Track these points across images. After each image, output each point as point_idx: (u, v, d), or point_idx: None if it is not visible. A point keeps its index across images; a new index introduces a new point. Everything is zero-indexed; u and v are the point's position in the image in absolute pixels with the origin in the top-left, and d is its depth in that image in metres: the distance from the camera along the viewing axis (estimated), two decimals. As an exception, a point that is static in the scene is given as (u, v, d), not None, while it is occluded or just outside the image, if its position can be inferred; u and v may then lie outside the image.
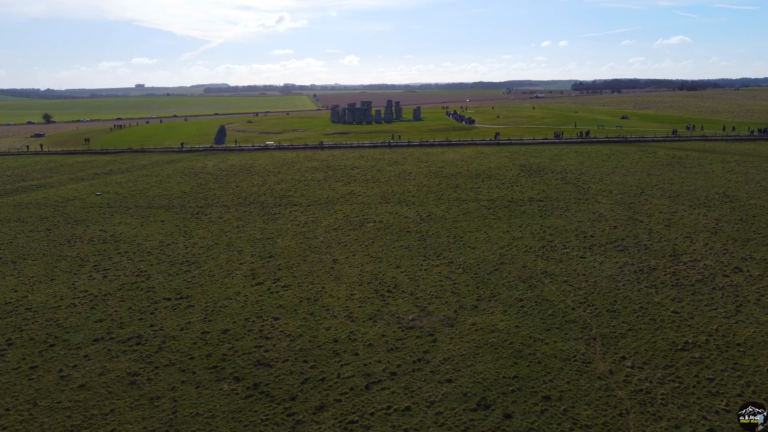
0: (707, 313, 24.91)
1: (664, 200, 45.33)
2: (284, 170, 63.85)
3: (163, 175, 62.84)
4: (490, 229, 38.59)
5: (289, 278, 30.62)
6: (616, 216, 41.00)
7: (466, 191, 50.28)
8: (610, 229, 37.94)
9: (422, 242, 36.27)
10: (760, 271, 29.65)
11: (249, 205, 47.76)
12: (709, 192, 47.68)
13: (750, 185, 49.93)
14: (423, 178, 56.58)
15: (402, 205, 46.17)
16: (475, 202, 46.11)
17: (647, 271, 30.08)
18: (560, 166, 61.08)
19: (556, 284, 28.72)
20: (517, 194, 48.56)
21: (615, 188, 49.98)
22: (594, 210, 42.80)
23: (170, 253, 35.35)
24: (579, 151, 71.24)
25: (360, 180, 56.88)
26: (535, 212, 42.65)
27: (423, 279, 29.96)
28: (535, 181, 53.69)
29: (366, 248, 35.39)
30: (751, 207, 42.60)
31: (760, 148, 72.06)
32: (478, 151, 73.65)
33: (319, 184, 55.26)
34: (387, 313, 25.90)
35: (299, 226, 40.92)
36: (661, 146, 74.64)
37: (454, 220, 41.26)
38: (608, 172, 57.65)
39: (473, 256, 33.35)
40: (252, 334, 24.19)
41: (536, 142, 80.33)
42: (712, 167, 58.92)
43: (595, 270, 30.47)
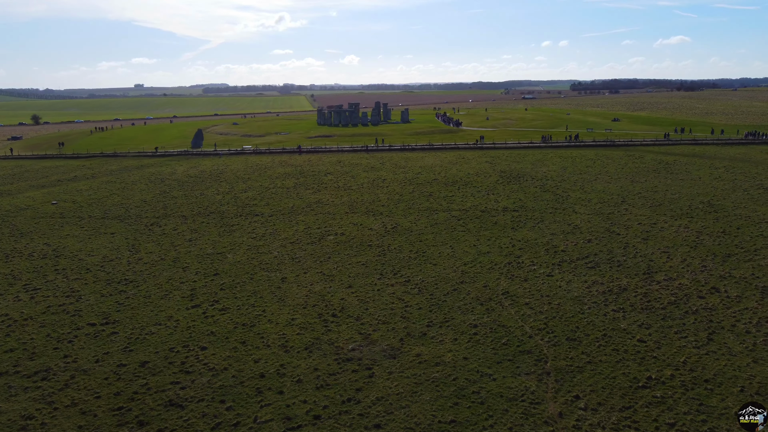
0: (676, 342, 22.81)
1: (645, 210, 43.28)
2: (255, 176, 61.68)
3: (128, 182, 60.61)
4: (457, 243, 36.47)
5: (230, 300, 28.44)
6: (592, 228, 38.93)
7: (438, 200, 48.17)
8: (584, 242, 35.85)
9: (381, 258, 34.14)
10: (739, 292, 27.59)
11: (208, 215, 45.58)
12: (693, 201, 45.66)
13: (737, 193, 47.93)
14: (397, 186, 54.47)
15: (369, 215, 44.04)
16: (446, 212, 44.00)
17: (617, 292, 27.99)
18: (542, 173, 59.03)
19: (516, 307, 26.60)
20: (492, 203, 46.46)
21: (595, 197, 47.92)
22: (570, 221, 40.72)
23: (110, 270, 33.15)
24: (563, 156, 69.23)
25: (331, 187, 54.74)
26: (507, 223, 40.56)
27: (374, 301, 27.81)
28: (512, 189, 51.61)
29: (320, 265, 33.23)
30: (736, 218, 40.57)
31: (750, 152, 70.15)
32: (459, 156, 71.58)
33: (287, 192, 53.11)
34: (326, 342, 23.74)
35: (255, 239, 38.76)
36: (649, 150, 72.67)
37: (420, 232, 39.14)
38: (591, 178, 55.62)
39: (433, 273, 31.21)
40: (172, 368, 22.00)
41: (521, 146, 78.31)
42: (699, 173, 56.94)
43: (561, 290, 28.36)
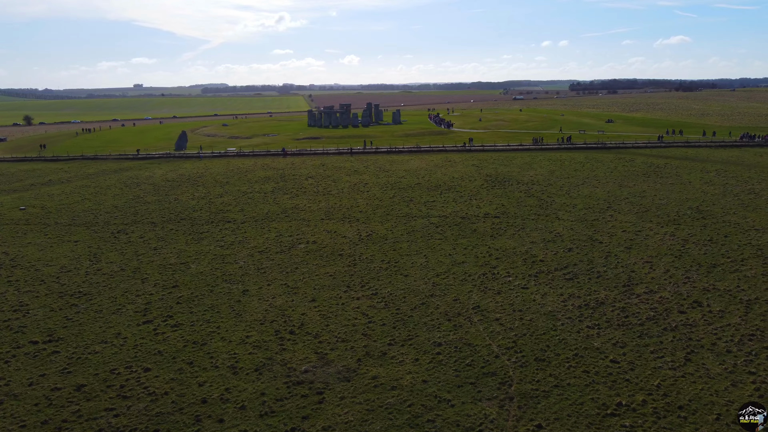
0: (651, 363, 21.44)
1: (631, 216, 41.94)
2: (234, 180, 60.25)
3: (103, 186, 59.14)
4: (432, 252, 35.09)
5: (185, 315, 27.02)
6: (575, 236, 37.57)
7: (418, 206, 46.79)
8: (564, 251, 34.49)
9: (351, 268, 32.74)
10: (722, 306, 26.23)
11: (179, 221, 44.13)
12: (682, 207, 44.34)
13: (727, 199, 46.62)
14: (377, 190, 53.08)
15: (344, 222, 42.64)
16: (425, 219, 42.62)
17: (594, 306, 26.62)
18: (528, 177, 57.69)
19: (485, 323, 25.22)
20: (473, 209, 45.09)
21: (581, 202, 46.57)
22: (552, 228, 39.36)
23: (66, 282, 31.70)
24: (552, 159, 67.91)
25: (310, 192, 53.33)
26: (486, 231, 39.19)
27: (336, 316, 26.41)
28: (496, 194, 50.25)
29: (286, 276, 31.82)
30: (724, 225, 39.25)
31: (744, 155, 68.90)
32: (446, 159, 70.22)
33: (264, 197, 51.68)
34: (278, 362, 22.33)
35: (223, 247, 37.33)
36: (640, 153, 71.41)
37: (395, 240, 37.76)
38: (578, 183, 54.28)
39: (402, 286, 29.82)
40: (110, 392, 20.58)
41: (509, 148, 76.99)
42: (689, 177, 55.64)
43: (535, 304, 26.99)
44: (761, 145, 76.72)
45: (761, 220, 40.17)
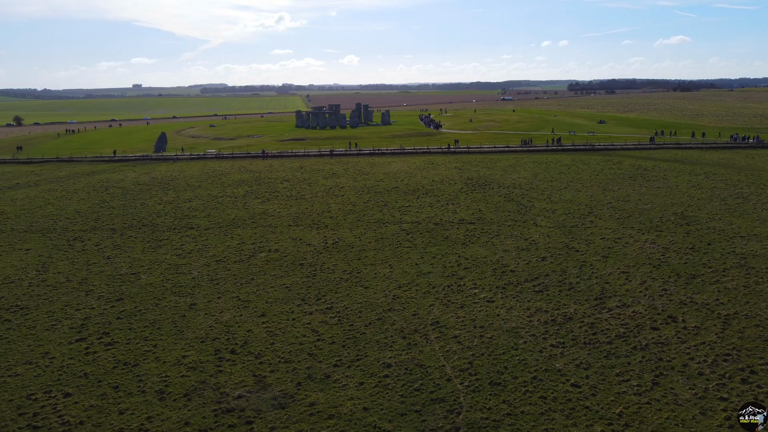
0: (615, 388, 19.80)
1: (612, 222, 40.35)
2: (206, 184, 58.54)
3: (70, 190, 57.37)
4: (398, 261, 33.44)
5: (123, 331, 25.31)
6: (551, 243, 35.96)
7: (392, 211, 45.14)
8: (537, 260, 32.86)
9: (310, 279, 31.06)
10: (698, 321, 24.62)
11: (140, 228, 42.41)
12: (666, 212, 42.75)
13: (713, 203, 45.06)
14: (352, 194, 51.42)
15: (312, 228, 40.97)
16: (396, 225, 40.96)
17: (561, 322, 24.98)
18: (511, 180, 56.09)
19: (442, 341, 23.56)
20: (449, 215, 43.46)
21: (561, 207, 44.97)
22: (527, 235, 37.73)
23: (5, 295, 29.96)
24: (538, 161, 66.33)
25: (282, 196, 51.65)
26: (459, 238, 37.56)
27: (283, 333, 24.73)
28: (475, 198, 48.62)
29: (239, 288, 30.13)
30: (709, 231, 37.66)
31: (735, 157, 67.40)
32: (429, 161, 68.60)
33: (234, 202, 49.97)
34: (212, 387, 20.63)
35: (180, 256, 35.62)
36: (629, 155, 69.88)
37: (362, 248, 36.09)
38: (561, 186, 52.68)
39: (360, 299, 28.15)
40: (20, 421, 18.87)
41: (495, 150, 75.40)
42: (677, 180, 54.09)
43: (498, 320, 25.34)
44: (753, 146, 75.28)
45: (747, 226, 38.61)
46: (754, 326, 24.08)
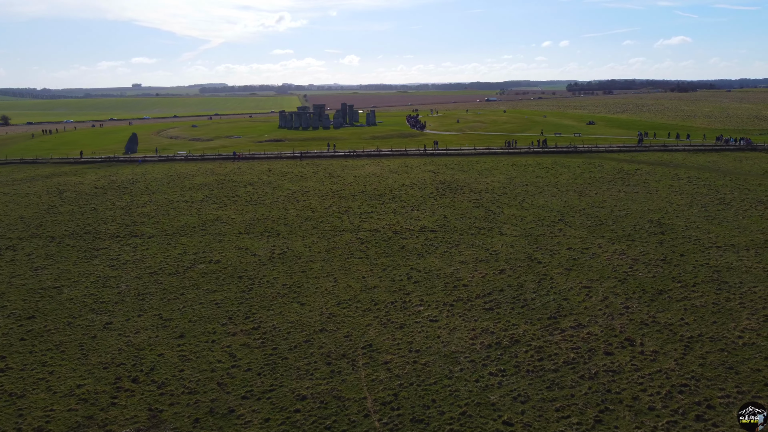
0: (552, 426, 17.61)
1: (582, 231, 38.19)
2: (166, 187, 56.24)
3: (21, 194, 55.01)
4: (345, 274, 31.22)
5: (22, 355, 23.02)
6: (512, 254, 33.77)
7: (352, 218, 42.92)
8: (495, 274, 30.66)
9: (244, 294, 28.80)
10: (658, 345, 22.45)
11: (81, 236, 40.10)
12: (641, 219, 40.62)
13: (693, 210, 42.94)
14: (315, 199, 49.19)
15: (263, 236, 38.71)
16: (353, 233, 38.74)
17: (506, 345, 22.78)
18: (484, 184, 53.92)
19: (371, 368, 21.33)
20: (411, 222, 41.26)
21: (532, 213, 42.80)
22: (489, 245, 35.55)
23: None
24: (517, 164, 64.19)
25: (242, 201, 49.38)
26: (416, 248, 35.36)
27: (197, 357, 22.47)
28: (442, 204, 46.43)
29: (165, 304, 27.86)
30: (684, 241, 35.52)
31: (722, 160, 65.36)
32: (404, 164, 66.41)
33: (188, 207, 47.69)
34: (98, 423, 18.37)
35: (113, 267, 33.33)
36: (612, 158, 67.78)
37: (309, 259, 33.86)
38: (536, 191, 50.52)
39: (293, 317, 25.92)
40: None
41: (475, 152, 73.27)
42: (658, 185, 51.97)
43: (438, 343, 23.13)
44: (742, 149, 73.26)
45: (725, 235, 36.49)
46: (718, 351, 21.92)
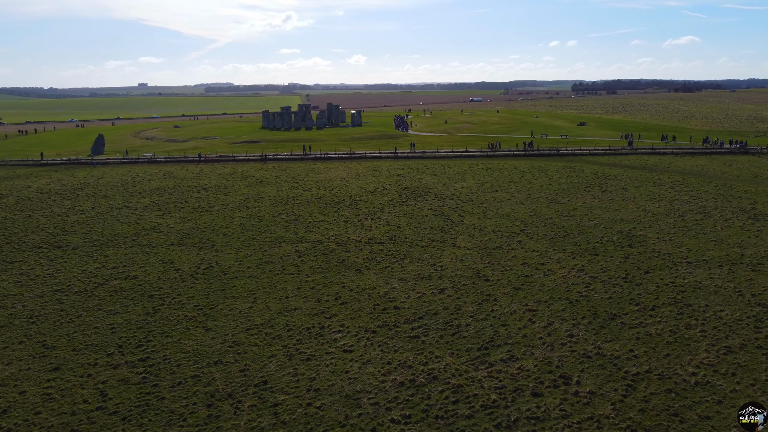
0: (445, 494, 14.71)
1: (543, 243, 35.30)
2: (115, 192, 53.50)
3: (-40, 199, 52.28)
4: (268, 293, 28.39)
5: None
6: (459, 271, 30.92)
7: (300, 227, 40.12)
8: (434, 293, 27.80)
9: (147, 318, 25.97)
10: (597, 384, 19.56)
11: (0, 247, 37.33)
12: (610, 230, 37.72)
13: (669, 220, 40.02)
14: (267, 206, 46.38)
15: (195, 248, 35.90)
16: (293, 245, 35.92)
17: (421, 384, 19.91)
18: (452, 189, 51.05)
19: (257, 411, 18.49)
20: (361, 232, 38.43)
21: (493, 223, 39.95)
22: (437, 260, 32.70)
23: None
24: (492, 168, 61.31)
25: (189, 208, 46.60)
26: (355, 263, 32.52)
27: (62, 398, 19.64)
28: (401, 212, 43.60)
29: (55, 329, 25.04)
30: (651, 255, 32.61)
31: (711, 164, 62.38)
32: (373, 167, 63.60)
33: (129, 215, 44.92)
34: None
35: (18, 284, 30.54)
36: (595, 161, 64.85)
37: (235, 275, 31.04)
38: (505, 197, 47.64)
39: (190, 346, 23.08)
40: None
41: (451, 155, 70.45)
42: (637, 191, 49.05)
43: (343, 380, 20.26)
44: (734, 152, 70.26)
45: (699, 248, 33.59)
46: (664, 392, 19.04)
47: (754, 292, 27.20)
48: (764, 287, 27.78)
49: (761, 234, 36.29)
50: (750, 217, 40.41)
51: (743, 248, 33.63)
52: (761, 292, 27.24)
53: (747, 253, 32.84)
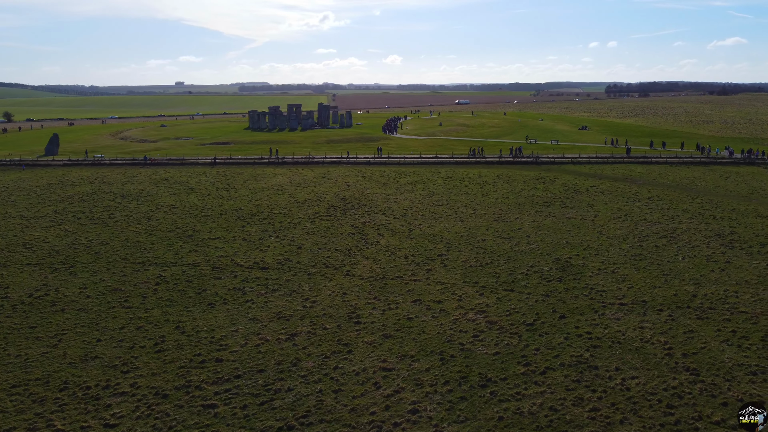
0: None
1: (456, 273, 29.86)
2: (23, 199, 49.52)
3: None
4: (83, 333, 23.61)
5: None
6: (333, 309, 25.74)
7: (189, 245, 35.36)
8: (278, 341, 22.65)
9: None
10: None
11: None
12: (546, 258, 32.07)
13: (623, 246, 34.17)
14: (172, 218, 41.75)
15: (49, 269, 31.35)
16: (160, 268, 31.10)
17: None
18: (393, 202, 45.77)
19: None
20: (252, 254, 33.47)
21: (411, 245, 34.61)
22: (315, 293, 27.54)
23: None
24: (454, 177, 55.77)
25: (84, 219, 42.25)
26: (216, 294, 27.58)
27: None
28: (315, 229, 38.53)
29: None
30: (579, 294, 26.93)
31: (706, 176, 55.83)
32: (324, 173, 58.62)
33: (11, 226, 40.72)
34: None
35: None
36: (575, 170, 58.81)
37: (66, 306, 26.32)
38: (447, 213, 42.20)
39: None
40: None
41: (416, 161, 65.11)
42: (603, 208, 43.09)
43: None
44: (737, 162, 63.38)
45: (643, 285, 27.79)
46: None
47: (688, 351, 21.44)
48: (703, 344, 21.99)
49: (728, 267, 30.24)
50: (724, 243, 34.29)
51: (698, 286, 27.72)
52: (697, 351, 21.48)
53: (701, 293, 26.94)
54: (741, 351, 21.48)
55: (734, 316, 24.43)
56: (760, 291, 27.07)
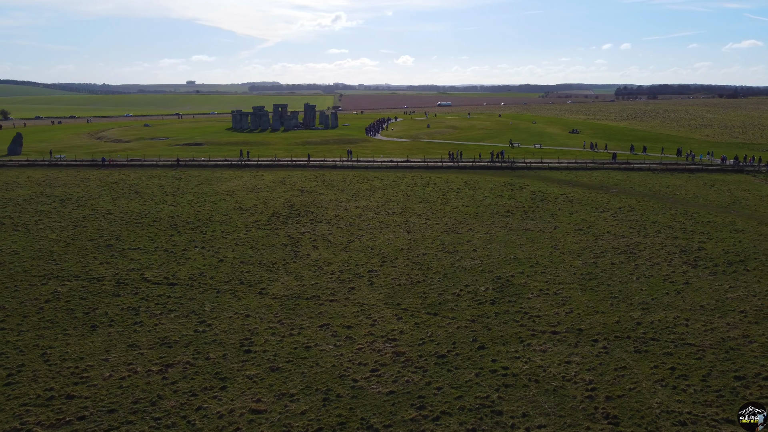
0: None
1: (381, 293, 27.20)
2: (-43, 202, 47.15)
3: None
4: (-68, 362, 21.01)
5: None
6: (227, 335, 23.14)
7: (104, 256, 32.86)
8: (150, 374, 20.06)
9: None
10: None
11: None
12: (485, 276, 29.37)
13: (575, 263, 31.41)
14: (100, 225, 39.29)
15: (-63, 283, 28.85)
16: (59, 284, 28.58)
17: None
18: (343, 209, 43.18)
19: None
20: (166, 268, 30.91)
21: (344, 259, 31.97)
22: (215, 315, 24.95)
23: None
24: (419, 183, 53.11)
25: (8, 226, 39.80)
26: (105, 315, 25.03)
27: None
28: (247, 239, 35.98)
29: None
30: (509, 319, 24.22)
31: (688, 184, 52.93)
32: (283, 177, 56.10)
33: (-70, 232, 38.33)
34: None
35: None
36: (548, 176, 56.08)
37: (-70, 328, 23.77)
38: (396, 222, 39.56)
39: None
40: None
41: (383, 165, 62.64)
42: (566, 219, 40.35)
43: None
44: (724, 170, 60.36)
45: (584, 310, 25.06)
46: None
47: (613, 393, 18.70)
48: (633, 384, 19.25)
49: (685, 290, 27.45)
50: (687, 261, 31.47)
51: (646, 312, 24.95)
52: (624, 393, 18.73)
53: (647, 320, 24.17)
54: (675, 394, 18.73)
55: (677, 350, 21.66)
56: (714, 319, 24.27)
